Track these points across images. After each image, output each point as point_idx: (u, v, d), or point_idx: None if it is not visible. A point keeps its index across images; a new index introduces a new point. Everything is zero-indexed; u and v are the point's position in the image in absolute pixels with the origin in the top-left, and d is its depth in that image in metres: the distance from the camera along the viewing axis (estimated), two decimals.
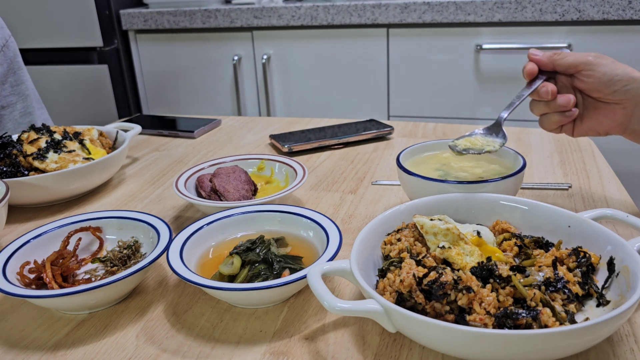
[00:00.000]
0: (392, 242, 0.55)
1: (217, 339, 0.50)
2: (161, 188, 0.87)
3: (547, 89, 0.67)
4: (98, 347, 0.50)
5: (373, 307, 0.44)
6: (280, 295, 0.53)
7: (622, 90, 0.64)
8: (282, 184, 0.80)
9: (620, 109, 0.65)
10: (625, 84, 0.63)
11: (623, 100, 0.64)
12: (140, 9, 1.94)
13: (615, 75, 0.64)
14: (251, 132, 1.15)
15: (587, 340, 0.41)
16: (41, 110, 1.20)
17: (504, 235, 0.56)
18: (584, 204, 0.74)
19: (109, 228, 0.65)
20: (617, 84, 0.64)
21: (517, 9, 1.54)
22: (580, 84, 0.67)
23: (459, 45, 1.65)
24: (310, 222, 0.61)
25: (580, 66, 0.66)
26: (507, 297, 0.45)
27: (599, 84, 0.65)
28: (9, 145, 0.83)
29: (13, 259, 0.57)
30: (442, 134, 1.07)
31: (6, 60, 1.11)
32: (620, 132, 0.68)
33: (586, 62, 0.65)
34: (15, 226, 0.76)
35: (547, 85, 0.67)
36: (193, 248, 0.59)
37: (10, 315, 0.56)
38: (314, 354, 0.48)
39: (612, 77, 0.64)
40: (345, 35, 1.75)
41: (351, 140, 1.02)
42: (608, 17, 1.49)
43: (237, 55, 1.88)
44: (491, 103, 1.68)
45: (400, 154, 0.72)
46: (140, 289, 0.59)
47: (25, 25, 1.94)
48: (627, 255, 0.48)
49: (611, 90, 0.64)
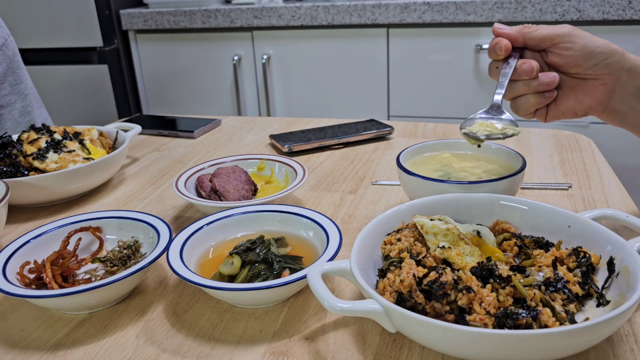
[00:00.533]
0: (392, 242, 0.55)
1: (217, 339, 0.50)
2: (161, 188, 0.87)
3: (531, 65, 0.60)
4: (98, 347, 0.50)
5: (373, 307, 0.44)
6: (280, 295, 0.53)
7: (602, 64, 0.59)
8: (282, 184, 0.80)
9: (600, 84, 0.60)
10: (607, 56, 0.59)
11: (604, 75, 0.60)
12: (140, 9, 1.94)
13: (596, 47, 0.59)
14: (251, 132, 1.15)
15: (587, 340, 0.41)
16: (40, 109, 1.20)
17: (504, 235, 0.56)
18: (584, 204, 0.74)
19: (109, 228, 0.65)
20: (597, 57, 0.59)
21: (517, 9, 1.54)
22: (556, 58, 0.61)
23: (459, 45, 1.65)
24: (310, 222, 0.61)
25: (556, 38, 0.60)
26: (507, 297, 0.45)
27: (578, 57, 0.59)
28: (9, 145, 0.83)
29: (13, 259, 0.57)
30: (442, 134, 1.07)
31: (5, 60, 1.11)
32: (600, 111, 0.63)
33: (563, 34, 0.59)
34: (15, 226, 0.76)
35: (529, 62, 0.60)
36: (193, 248, 0.59)
37: (10, 315, 0.56)
38: (314, 354, 0.48)
39: (592, 50, 0.59)
40: (345, 35, 1.75)
41: (351, 140, 1.02)
42: (608, 17, 1.49)
43: (237, 55, 1.88)
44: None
45: (400, 154, 0.72)
46: (140, 289, 0.59)
47: (26, 25, 1.94)
48: (627, 255, 0.48)
49: (591, 63, 0.59)
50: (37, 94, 1.21)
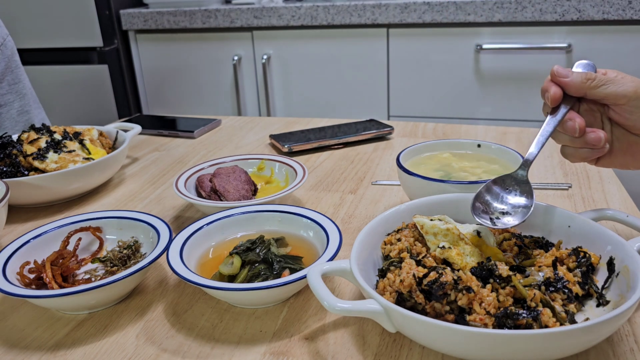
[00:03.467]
0: (392, 242, 0.55)
1: (217, 339, 0.50)
2: (161, 188, 0.87)
3: (575, 124, 0.53)
4: (98, 347, 0.50)
5: (373, 307, 0.44)
6: (280, 295, 0.53)
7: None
8: (282, 184, 0.80)
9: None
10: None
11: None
12: (140, 9, 1.94)
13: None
14: (251, 132, 1.15)
15: (587, 340, 0.41)
16: (38, 109, 1.21)
17: (504, 235, 0.56)
18: (584, 204, 0.74)
19: (109, 228, 0.65)
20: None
21: (517, 9, 1.54)
22: (618, 117, 0.54)
23: (459, 45, 1.65)
24: (310, 222, 0.61)
25: (621, 100, 0.52)
26: (507, 297, 0.45)
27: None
28: (9, 145, 0.83)
29: (13, 259, 0.57)
30: (442, 134, 1.07)
31: (4, 59, 1.11)
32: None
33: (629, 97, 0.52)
34: (15, 226, 0.76)
35: (575, 119, 0.53)
36: (193, 248, 0.59)
37: (10, 315, 0.56)
38: (314, 354, 0.48)
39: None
40: (345, 35, 1.75)
41: (351, 140, 1.02)
42: (608, 17, 1.48)
43: (237, 55, 1.88)
44: (491, 103, 1.68)
45: (400, 154, 0.72)
46: (140, 289, 0.59)
47: (26, 26, 1.94)
48: (627, 255, 0.48)
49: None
50: (34, 94, 1.21)
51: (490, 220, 0.54)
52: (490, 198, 0.56)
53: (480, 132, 1.07)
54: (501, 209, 0.55)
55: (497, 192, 0.56)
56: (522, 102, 1.64)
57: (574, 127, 0.53)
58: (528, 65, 1.59)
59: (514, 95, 1.65)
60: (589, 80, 0.53)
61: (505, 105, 1.67)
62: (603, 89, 0.53)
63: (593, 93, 0.53)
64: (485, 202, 0.56)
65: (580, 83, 0.53)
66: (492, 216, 0.54)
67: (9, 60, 1.13)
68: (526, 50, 1.59)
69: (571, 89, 0.54)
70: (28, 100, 1.17)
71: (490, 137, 1.03)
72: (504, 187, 0.56)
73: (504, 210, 0.55)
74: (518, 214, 0.54)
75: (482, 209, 0.55)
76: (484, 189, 0.56)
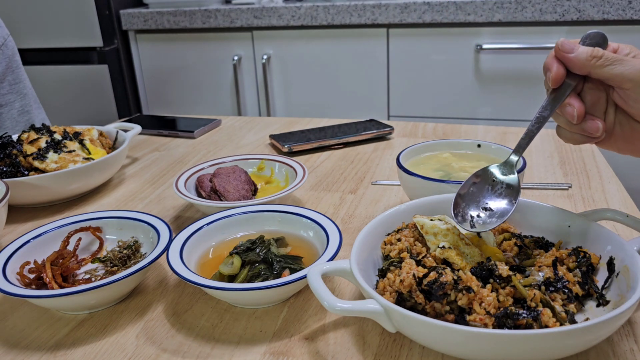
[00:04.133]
0: (392, 242, 0.55)
1: (217, 339, 0.50)
2: (161, 188, 0.87)
3: (573, 111, 0.50)
4: (98, 347, 0.50)
5: (373, 307, 0.44)
6: (280, 295, 0.53)
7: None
8: (282, 184, 0.80)
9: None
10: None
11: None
12: (140, 9, 1.94)
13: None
14: (251, 132, 1.15)
15: (587, 340, 0.41)
16: (39, 109, 1.21)
17: (504, 235, 0.56)
18: (584, 204, 0.74)
19: (109, 228, 0.65)
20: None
21: (517, 9, 1.54)
22: (622, 102, 0.50)
23: (459, 45, 1.65)
24: (310, 222, 0.61)
25: (626, 84, 0.48)
26: (507, 297, 0.45)
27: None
28: (9, 145, 0.83)
29: (13, 259, 0.57)
30: (442, 134, 1.07)
31: (4, 59, 1.11)
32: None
33: (635, 83, 0.48)
34: (15, 226, 0.76)
35: (574, 105, 0.50)
36: (193, 248, 0.59)
37: (10, 315, 0.56)
38: (314, 354, 0.48)
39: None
40: (345, 35, 1.75)
41: (351, 140, 1.02)
42: (608, 17, 1.48)
43: (237, 55, 1.88)
44: (491, 103, 1.68)
45: (400, 154, 0.72)
46: (140, 289, 0.59)
47: (26, 26, 1.94)
48: (627, 255, 0.48)
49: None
50: (35, 94, 1.21)
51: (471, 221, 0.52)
52: (471, 197, 0.54)
53: (480, 132, 1.07)
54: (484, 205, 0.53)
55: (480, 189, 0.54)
56: (522, 102, 1.64)
57: (572, 113, 0.50)
58: (528, 65, 1.59)
59: (514, 95, 1.65)
60: (594, 58, 0.49)
61: (505, 105, 1.67)
62: (609, 69, 0.48)
63: (597, 73, 0.49)
64: (467, 199, 0.54)
65: (584, 60, 0.49)
66: (474, 213, 0.53)
67: (10, 60, 1.13)
68: (526, 50, 1.59)
69: (574, 66, 0.50)
70: (29, 100, 1.17)
71: (490, 137, 1.03)
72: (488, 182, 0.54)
73: (487, 206, 0.53)
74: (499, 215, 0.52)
75: (462, 206, 0.53)
76: (467, 186, 0.54)
